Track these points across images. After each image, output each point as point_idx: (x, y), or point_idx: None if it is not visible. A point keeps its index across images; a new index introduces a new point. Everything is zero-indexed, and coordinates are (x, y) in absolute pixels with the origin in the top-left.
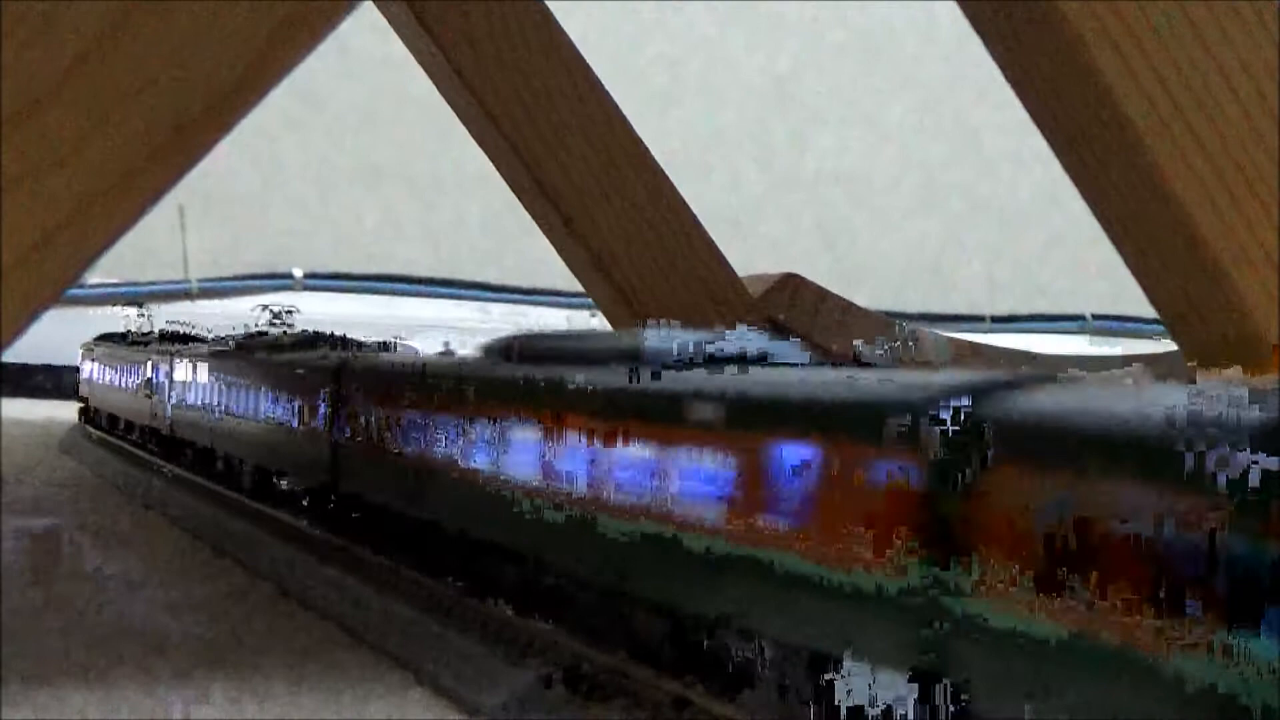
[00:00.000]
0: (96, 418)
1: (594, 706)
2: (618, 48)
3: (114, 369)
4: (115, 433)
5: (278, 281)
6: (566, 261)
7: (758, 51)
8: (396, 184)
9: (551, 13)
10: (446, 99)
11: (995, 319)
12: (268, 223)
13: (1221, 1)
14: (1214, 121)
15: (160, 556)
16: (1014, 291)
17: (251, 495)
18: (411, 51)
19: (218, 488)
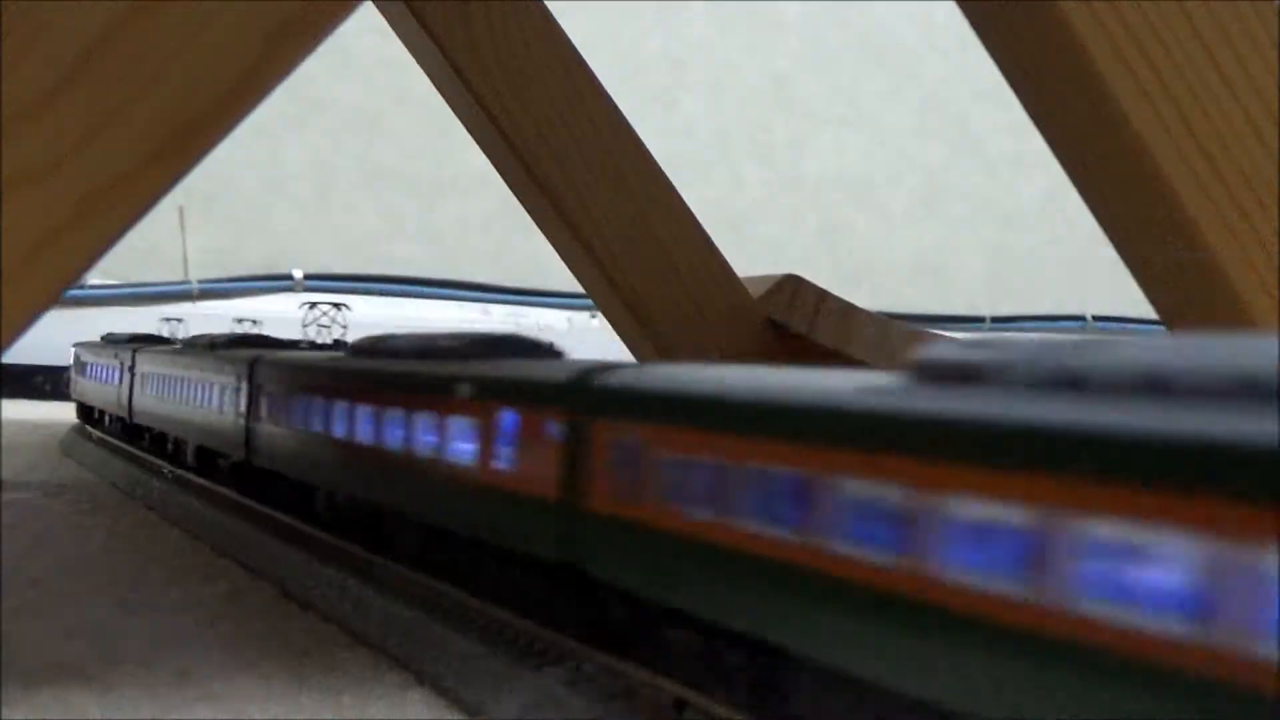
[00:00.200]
0: (88, 413)
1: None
2: (618, 48)
3: (92, 364)
4: (93, 419)
5: (278, 282)
6: (566, 262)
7: (758, 51)
8: (396, 184)
9: (551, 13)
10: (446, 99)
11: (995, 319)
12: (268, 223)
13: (1221, 2)
14: (1214, 121)
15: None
16: (1014, 291)
17: (184, 467)
18: (411, 51)
19: (159, 461)
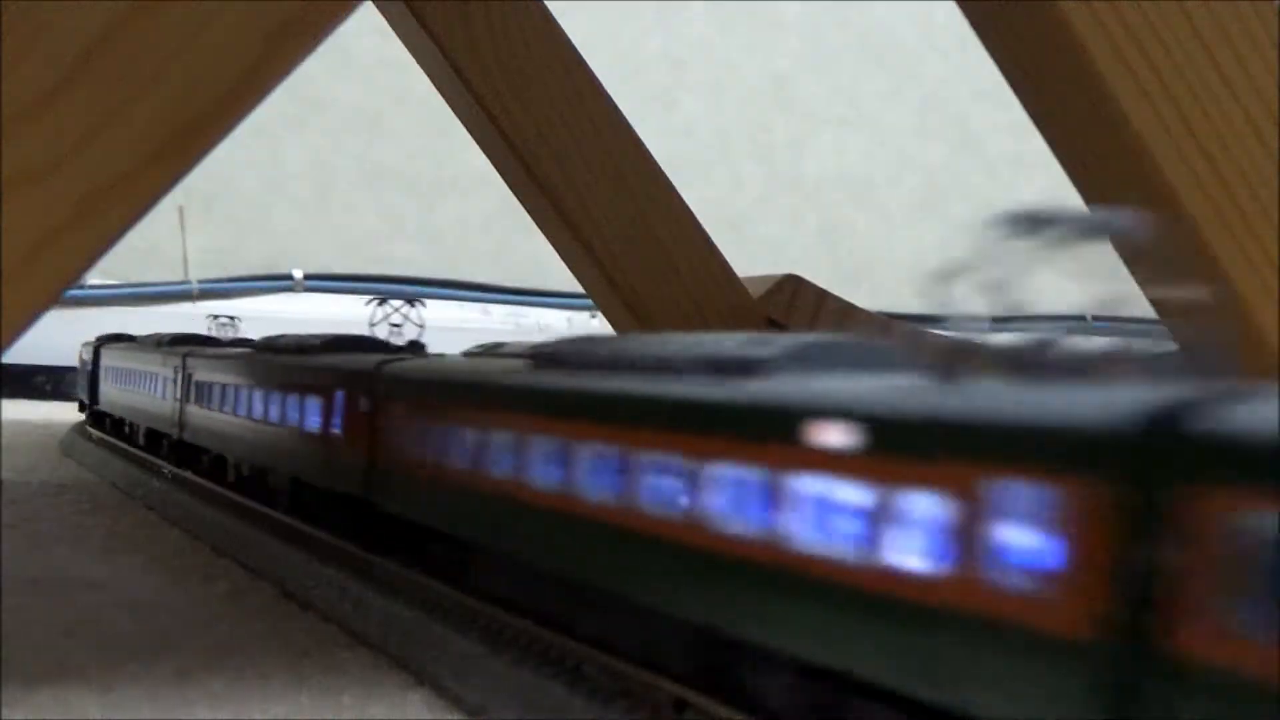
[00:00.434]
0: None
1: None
2: (618, 48)
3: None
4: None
5: (278, 282)
6: (566, 262)
7: (758, 51)
8: (396, 184)
9: (551, 13)
10: (446, 99)
11: (995, 319)
12: (268, 223)
13: (1221, 2)
14: (1214, 121)
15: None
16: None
17: (133, 443)
18: (411, 51)
19: (118, 441)
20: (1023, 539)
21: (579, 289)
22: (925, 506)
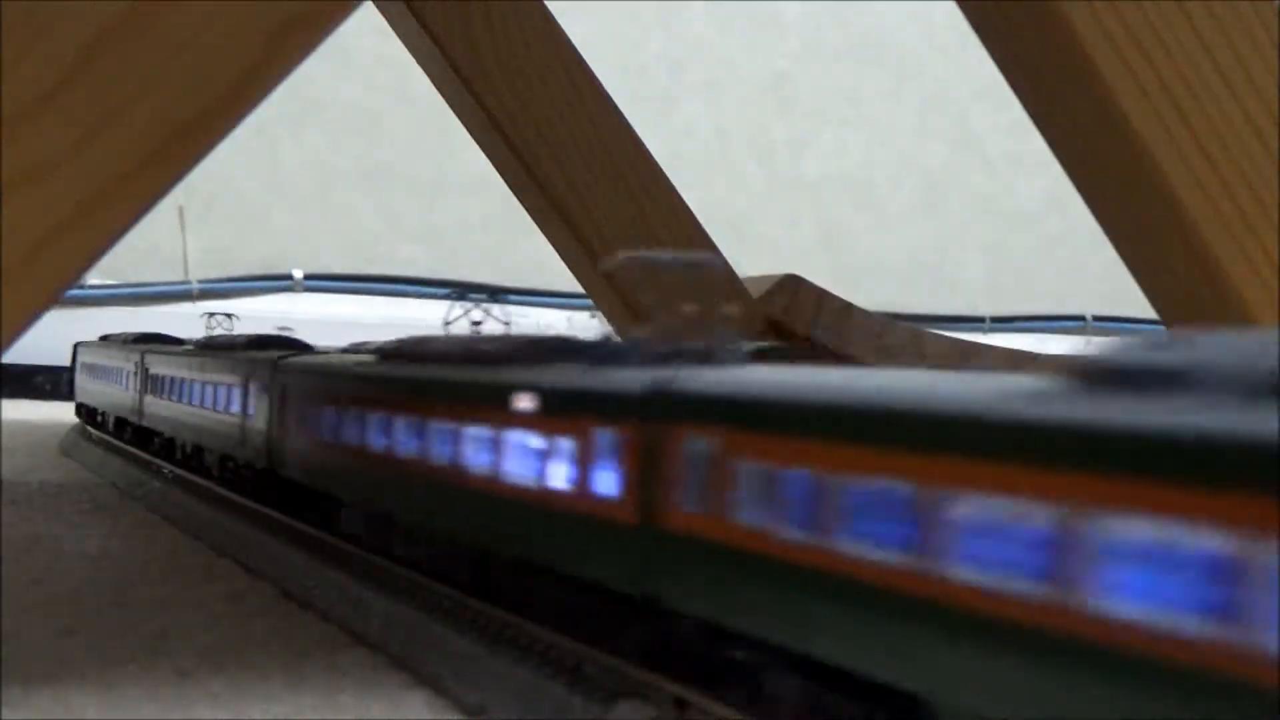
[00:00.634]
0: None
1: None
2: (618, 48)
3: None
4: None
5: (278, 282)
6: (566, 262)
7: (758, 51)
8: (396, 184)
9: (551, 13)
10: (446, 99)
11: (995, 319)
12: (268, 223)
13: (1221, 1)
14: (1214, 121)
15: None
16: (1014, 291)
17: (100, 428)
18: (411, 51)
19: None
20: (595, 461)
21: (579, 289)
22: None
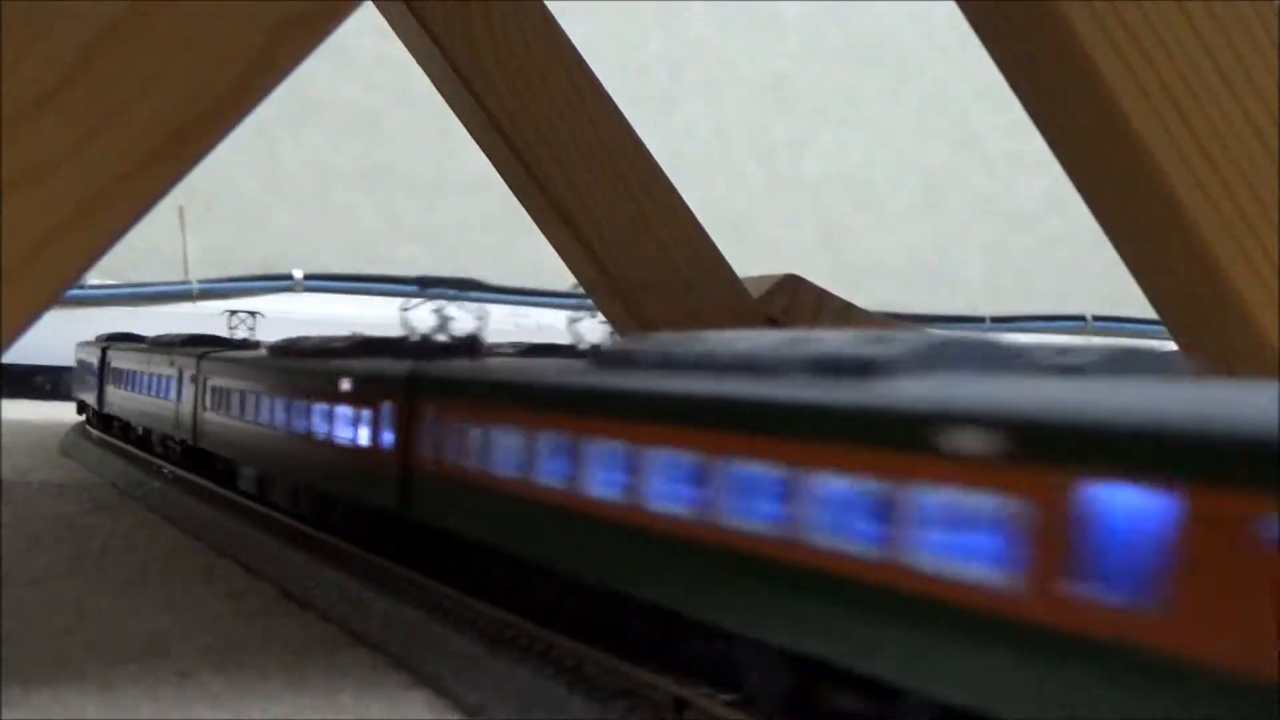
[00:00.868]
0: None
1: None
2: (618, 48)
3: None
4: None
5: (278, 282)
6: (566, 262)
7: (758, 51)
8: (396, 184)
9: (551, 13)
10: (446, 99)
11: (995, 319)
12: (268, 223)
13: (1221, 1)
14: (1214, 121)
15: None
16: (1014, 291)
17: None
18: (411, 51)
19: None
20: (376, 423)
21: (579, 289)
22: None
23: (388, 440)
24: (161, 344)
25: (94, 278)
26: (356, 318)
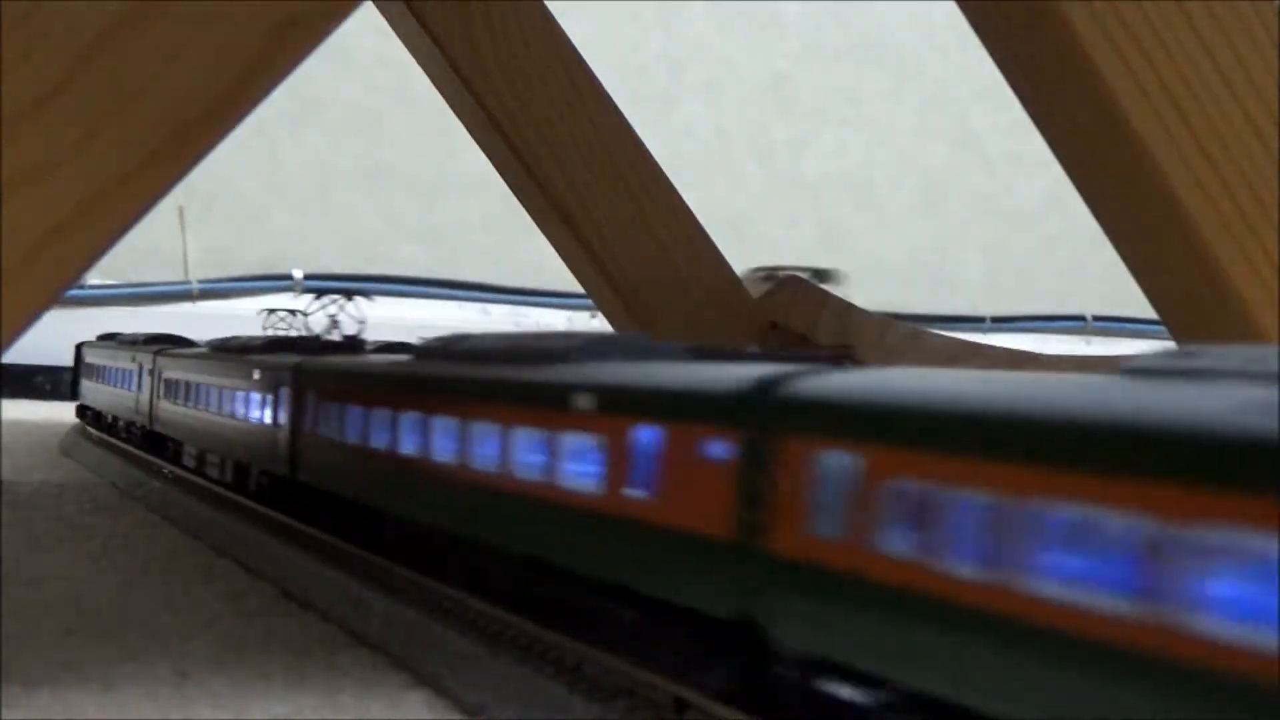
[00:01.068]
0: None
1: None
2: (618, 48)
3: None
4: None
5: (278, 282)
6: (566, 262)
7: (758, 51)
8: (396, 184)
9: (551, 13)
10: (446, 99)
11: (995, 319)
12: (268, 223)
13: (1221, 1)
14: (1214, 121)
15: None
16: (1014, 291)
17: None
18: (411, 51)
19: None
20: (265, 404)
21: (579, 289)
22: None
23: (282, 419)
24: (126, 343)
25: (94, 278)
26: (357, 317)
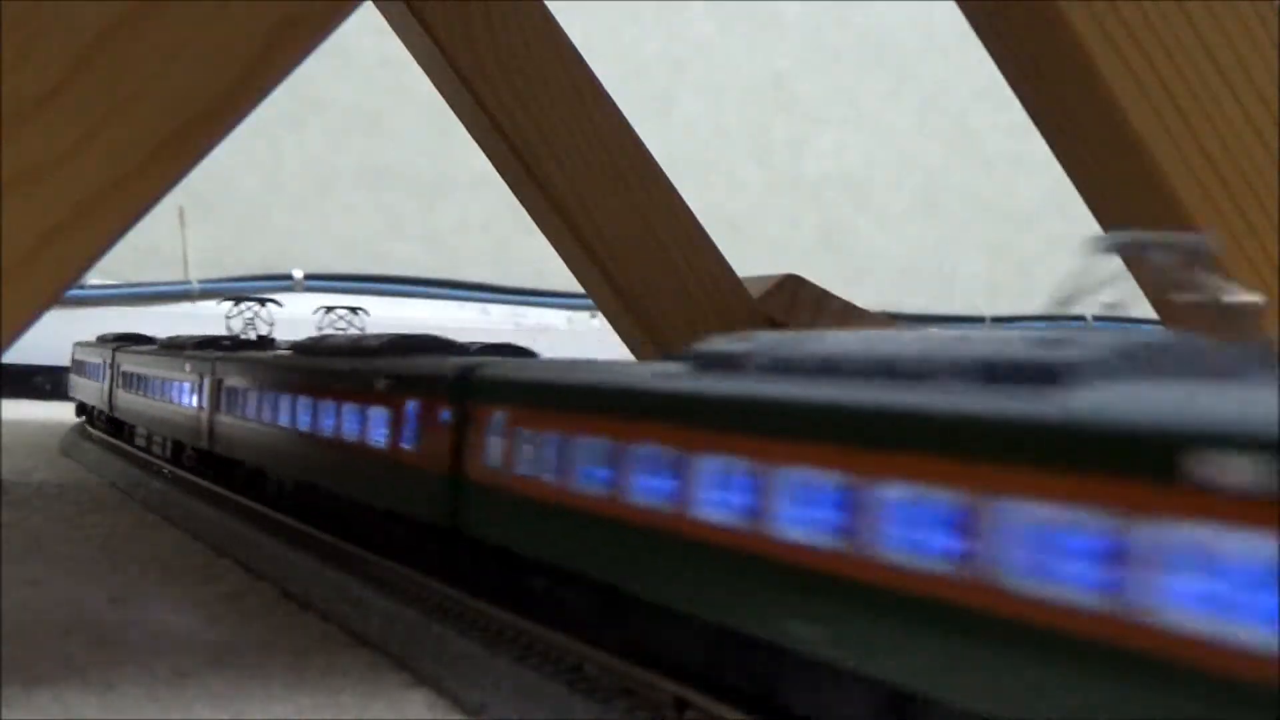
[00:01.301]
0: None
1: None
2: (618, 48)
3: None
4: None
5: (278, 282)
6: (566, 262)
7: (758, 51)
8: (396, 184)
9: (551, 13)
10: (446, 99)
11: (995, 319)
12: (268, 223)
13: (1221, 1)
14: (1214, 121)
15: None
16: (1014, 292)
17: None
18: (411, 51)
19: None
20: (192, 388)
21: (579, 289)
22: None
23: (204, 403)
24: (101, 341)
25: (94, 278)
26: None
